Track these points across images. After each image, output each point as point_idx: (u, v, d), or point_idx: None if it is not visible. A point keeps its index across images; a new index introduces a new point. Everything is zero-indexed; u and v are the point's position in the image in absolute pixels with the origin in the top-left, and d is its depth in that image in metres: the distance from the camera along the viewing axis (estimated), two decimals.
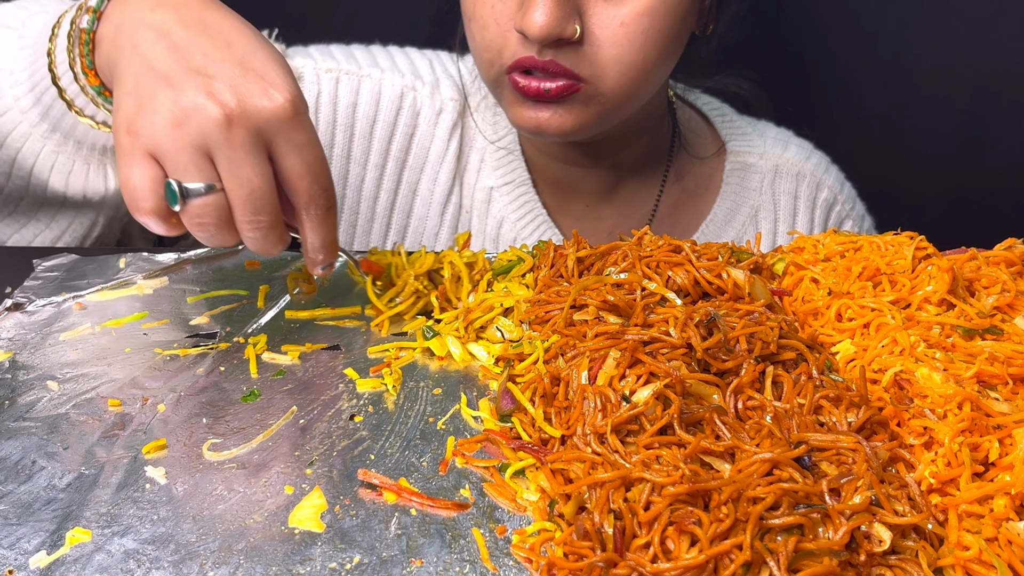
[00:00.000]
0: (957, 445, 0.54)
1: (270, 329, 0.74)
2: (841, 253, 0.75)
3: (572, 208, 1.08)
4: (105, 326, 0.73)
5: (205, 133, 0.59)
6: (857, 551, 0.48)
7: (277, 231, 0.64)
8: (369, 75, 1.03)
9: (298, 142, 0.62)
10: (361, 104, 1.03)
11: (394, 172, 1.05)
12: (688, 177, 1.11)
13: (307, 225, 0.66)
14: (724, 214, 1.10)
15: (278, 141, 0.62)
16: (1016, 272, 0.71)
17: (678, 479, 0.49)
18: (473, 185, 1.06)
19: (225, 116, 0.59)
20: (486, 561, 0.50)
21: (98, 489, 0.55)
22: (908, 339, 0.63)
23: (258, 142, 0.61)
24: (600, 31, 0.85)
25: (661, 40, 0.87)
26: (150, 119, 0.60)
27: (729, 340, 0.62)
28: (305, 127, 0.63)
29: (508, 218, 1.06)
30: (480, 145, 1.06)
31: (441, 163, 1.05)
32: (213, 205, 0.61)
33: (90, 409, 0.62)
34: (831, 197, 1.13)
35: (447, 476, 0.57)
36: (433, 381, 0.67)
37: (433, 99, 1.04)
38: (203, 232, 0.63)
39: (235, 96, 0.60)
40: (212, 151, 0.60)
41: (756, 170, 1.11)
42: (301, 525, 0.52)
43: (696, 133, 1.13)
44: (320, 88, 1.01)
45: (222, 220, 0.62)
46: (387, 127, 1.04)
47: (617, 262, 0.73)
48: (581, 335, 0.65)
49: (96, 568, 0.49)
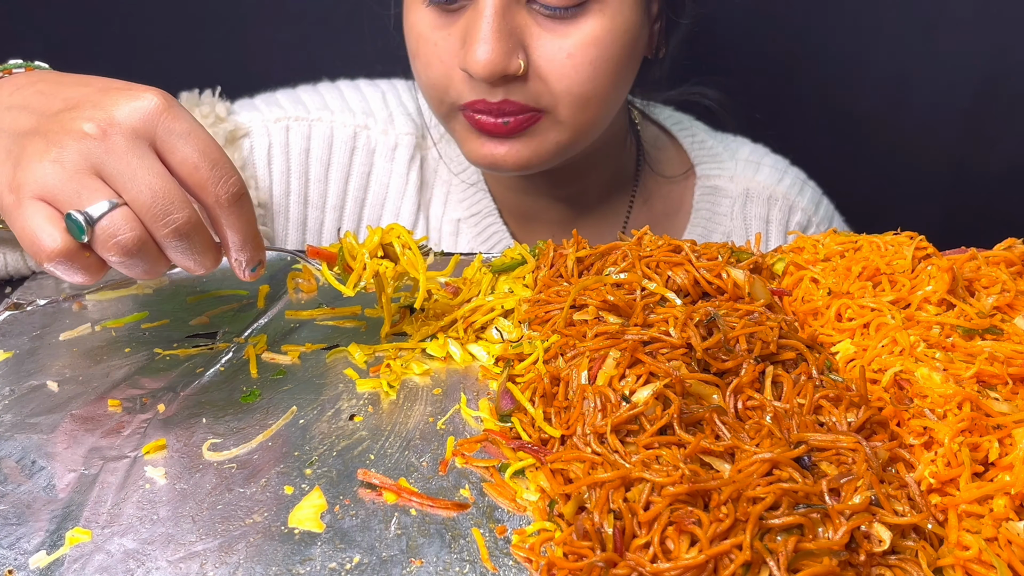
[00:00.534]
0: (957, 445, 0.54)
1: (270, 329, 0.74)
2: (841, 253, 0.75)
3: (539, 236, 1.05)
4: (105, 326, 0.73)
5: (85, 154, 0.56)
6: (857, 551, 0.48)
7: (201, 235, 0.59)
8: (319, 118, 1.01)
9: (180, 131, 0.57)
10: (314, 149, 1.01)
11: (354, 211, 1.04)
12: (655, 199, 1.09)
13: (222, 220, 0.59)
14: (696, 240, 1.08)
15: (159, 136, 0.57)
16: (1016, 272, 0.71)
17: (678, 479, 0.49)
18: (440, 217, 1.05)
19: (98, 129, 0.56)
20: (486, 561, 0.50)
21: (98, 489, 0.55)
22: (908, 339, 0.63)
23: (140, 143, 0.56)
24: (546, 64, 0.83)
25: (611, 68, 0.85)
26: (28, 168, 0.56)
27: (729, 340, 0.62)
28: (182, 116, 0.58)
29: (477, 249, 1.04)
30: (445, 177, 1.05)
31: (402, 198, 1.04)
32: (122, 217, 0.55)
33: (90, 409, 0.62)
34: (804, 220, 1.10)
35: (447, 476, 0.57)
36: (433, 381, 0.67)
37: (387, 135, 1.03)
38: (123, 257, 0.57)
39: (102, 111, 0.57)
40: (99, 169, 0.56)
41: (726, 194, 1.09)
42: (301, 525, 0.52)
43: (662, 151, 1.10)
44: (271, 140, 0.99)
45: (138, 237, 0.56)
46: (342, 169, 1.02)
47: (617, 262, 0.73)
48: (581, 335, 0.65)
49: (96, 568, 0.49)
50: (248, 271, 0.63)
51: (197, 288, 0.79)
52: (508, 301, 0.73)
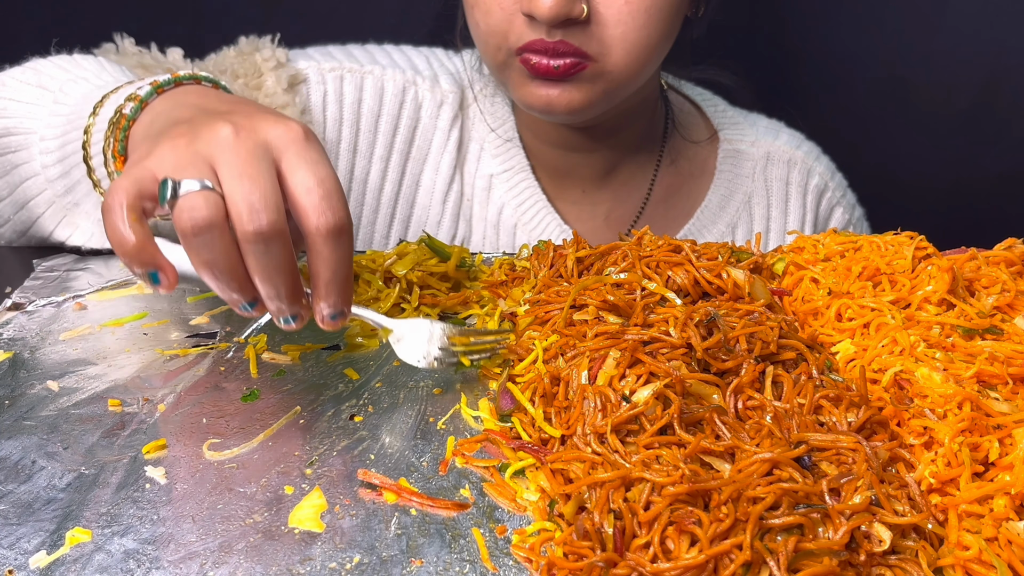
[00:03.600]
0: (957, 445, 0.54)
1: (270, 329, 0.74)
2: (841, 253, 0.75)
3: (569, 194, 1.10)
4: (105, 326, 0.73)
5: (211, 146, 0.56)
6: (857, 551, 0.48)
7: (282, 249, 0.56)
8: (371, 71, 1.05)
9: (310, 158, 0.58)
10: (365, 100, 1.04)
11: (398, 164, 1.07)
12: (682, 160, 1.14)
13: (315, 250, 0.57)
14: (718, 200, 1.12)
15: (288, 157, 0.57)
16: (1016, 272, 0.71)
17: (678, 479, 0.49)
18: (474, 173, 1.09)
19: (234, 131, 0.57)
20: (486, 561, 0.50)
21: (98, 489, 0.55)
22: (908, 339, 0.63)
23: (266, 155, 0.57)
24: (605, 10, 0.87)
25: (663, 17, 0.90)
26: (160, 146, 0.57)
27: (729, 340, 0.62)
28: (318, 148, 0.59)
29: (508, 204, 1.08)
30: (479, 134, 1.09)
31: (443, 154, 1.07)
32: (205, 198, 0.54)
33: (90, 409, 0.62)
34: (822, 183, 1.16)
35: (447, 476, 0.57)
36: (433, 381, 0.67)
37: (434, 92, 1.07)
38: (196, 239, 0.55)
39: (247, 119, 0.58)
40: (214, 161, 0.56)
41: (748, 157, 1.14)
42: (301, 525, 0.52)
43: (688, 116, 1.16)
44: (326, 88, 1.03)
45: (210, 218, 0.54)
46: (391, 121, 1.06)
47: (617, 262, 0.73)
48: (581, 335, 0.65)
49: (96, 568, 0.49)
50: (328, 317, 0.60)
51: (197, 288, 0.79)
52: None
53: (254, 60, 0.99)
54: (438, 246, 0.81)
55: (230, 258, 0.56)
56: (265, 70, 0.99)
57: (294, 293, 0.58)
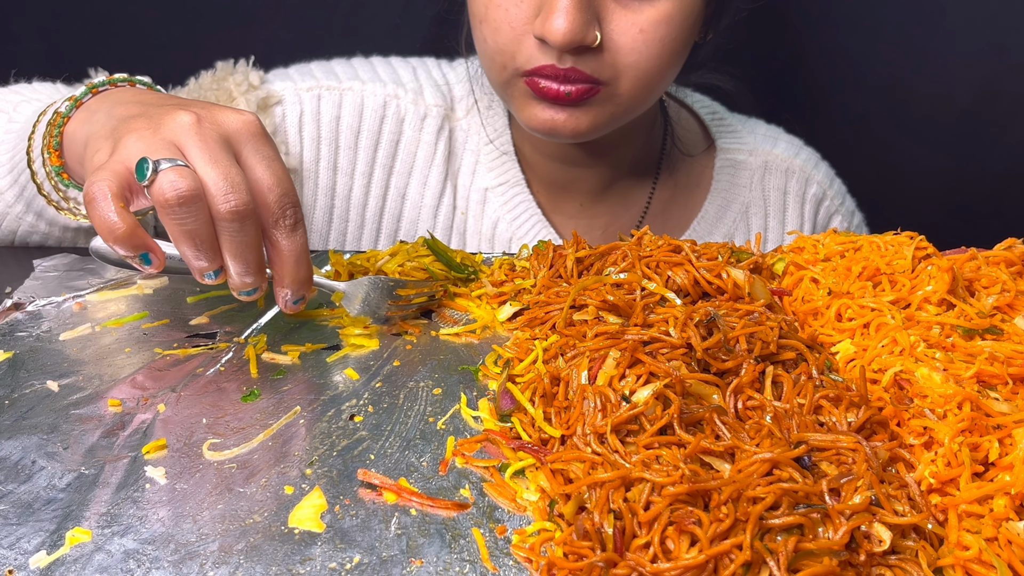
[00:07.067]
0: (957, 445, 0.54)
1: (270, 329, 0.74)
2: (841, 253, 0.75)
3: (566, 207, 1.09)
4: (105, 326, 0.73)
5: (176, 132, 0.61)
6: (857, 551, 0.48)
7: (253, 228, 0.61)
8: (351, 88, 1.04)
9: (267, 154, 0.63)
10: (344, 117, 1.04)
11: (381, 179, 1.06)
12: (679, 173, 1.13)
13: (279, 242, 0.64)
14: (715, 211, 1.12)
15: (247, 150, 0.63)
16: (1016, 272, 0.71)
17: (678, 479, 0.49)
18: (468, 187, 1.07)
19: (195, 119, 0.61)
20: (486, 561, 0.50)
21: (98, 489, 0.55)
22: (908, 339, 0.63)
23: (227, 145, 0.62)
24: (619, 37, 0.86)
25: (675, 47, 0.89)
26: (124, 141, 0.61)
27: (729, 340, 0.62)
28: (272, 144, 0.64)
29: (503, 218, 1.07)
30: (473, 147, 1.07)
31: (430, 167, 1.06)
32: (185, 171, 0.59)
33: (90, 409, 0.62)
34: (820, 192, 1.15)
35: (447, 476, 0.57)
36: (433, 381, 0.67)
37: (417, 105, 1.05)
38: (181, 208, 0.58)
39: (205, 110, 0.63)
40: (182, 147, 0.60)
41: (745, 167, 1.13)
42: (301, 525, 0.52)
43: (687, 130, 1.15)
44: (302, 107, 1.03)
45: (193, 188, 0.58)
46: (371, 136, 1.05)
47: (617, 262, 0.73)
48: (581, 335, 0.65)
49: (96, 568, 0.49)
50: (291, 302, 0.67)
51: (197, 288, 0.79)
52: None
53: (227, 86, 1.00)
54: (440, 248, 0.81)
55: (210, 228, 0.61)
56: (237, 94, 0.99)
57: (260, 269, 0.64)
